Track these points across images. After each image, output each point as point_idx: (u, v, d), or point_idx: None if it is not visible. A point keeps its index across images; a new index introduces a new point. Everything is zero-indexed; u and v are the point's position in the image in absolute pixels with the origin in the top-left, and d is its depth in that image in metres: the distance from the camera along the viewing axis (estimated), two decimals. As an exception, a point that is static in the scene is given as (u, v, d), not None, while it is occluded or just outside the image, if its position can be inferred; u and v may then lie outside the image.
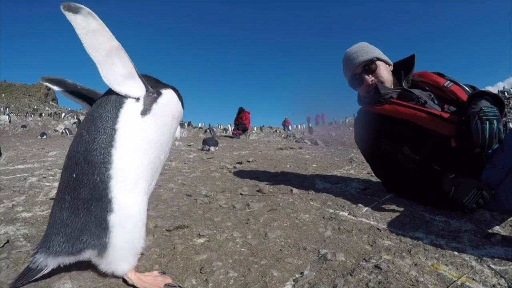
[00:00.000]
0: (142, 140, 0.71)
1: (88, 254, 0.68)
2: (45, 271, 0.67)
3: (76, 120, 10.92)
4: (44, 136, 7.95)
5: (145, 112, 0.71)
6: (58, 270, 0.76)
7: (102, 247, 0.67)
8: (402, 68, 1.44)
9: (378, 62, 1.39)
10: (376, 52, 1.42)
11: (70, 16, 0.64)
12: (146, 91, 0.73)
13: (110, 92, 0.71)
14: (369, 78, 1.39)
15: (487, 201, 1.06)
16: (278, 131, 14.92)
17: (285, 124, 18.95)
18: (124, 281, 0.72)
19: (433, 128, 1.22)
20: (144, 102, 0.72)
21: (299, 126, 21.51)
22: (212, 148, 3.96)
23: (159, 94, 0.74)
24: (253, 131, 12.13)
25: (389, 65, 1.45)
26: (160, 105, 0.74)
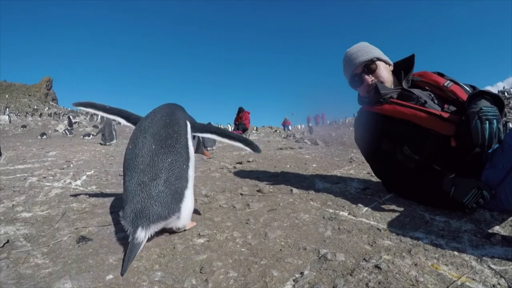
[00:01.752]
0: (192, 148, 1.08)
1: (173, 218, 0.91)
2: (143, 243, 0.84)
3: (67, 120, 10.92)
4: (44, 136, 7.96)
5: (192, 139, 1.10)
6: (58, 270, 0.76)
7: (179, 210, 0.92)
8: (402, 68, 1.44)
9: (378, 62, 1.39)
10: (376, 52, 1.42)
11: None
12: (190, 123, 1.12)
13: (171, 110, 1.09)
14: (369, 78, 1.39)
15: (487, 201, 1.06)
16: (278, 131, 14.92)
17: (285, 124, 18.96)
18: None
19: (433, 128, 1.22)
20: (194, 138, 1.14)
21: (299, 126, 21.51)
22: (209, 148, 3.97)
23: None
24: (253, 131, 12.13)
25: (389, 65, 1.45)
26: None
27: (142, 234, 0.82)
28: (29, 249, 0.88)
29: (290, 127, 18.60)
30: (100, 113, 1.21)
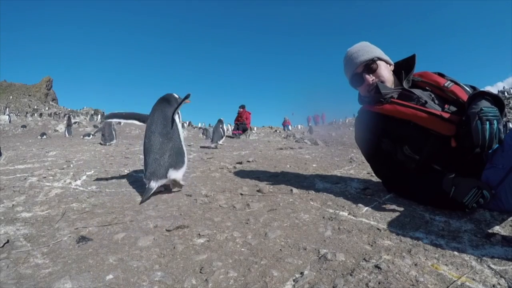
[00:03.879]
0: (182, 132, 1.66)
1: (171, 172, 1.46)
2: (154, 190, 1.41)
3: (67, 120, 10.96)
4: (44, 136, 7.97)
5: (179, 121, 1.65)
6: (58, 270, 0.76)
7: (178, 168, 1.51)
8: (402, 68, 1.44)
9: (379, 62, 1.39)
10: (377, 51, 1.42)
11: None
12: (178, 114, 1.64)
13: (164, 113, 1.59)
14: (370, 78, 1.39)
15: (488, 201, 1.06)
16: (278, 131, 14.92)
17: (285, 124, 18.96)
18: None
19: (433, 128, 1.22)
20: (178, 117, 1.64)
21: (299, 126, 21.50)
22: (219, 141, 4.33)
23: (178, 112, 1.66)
24: (253, 131, 12.12)
25: (390, 65, 1.45)
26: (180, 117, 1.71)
27: (153, 184, 1.41)
28: (29, 249, 0.88)
29: (290, 127, 18.60)
30: (122, 121, 1.73)
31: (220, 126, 4.49)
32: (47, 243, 0.92)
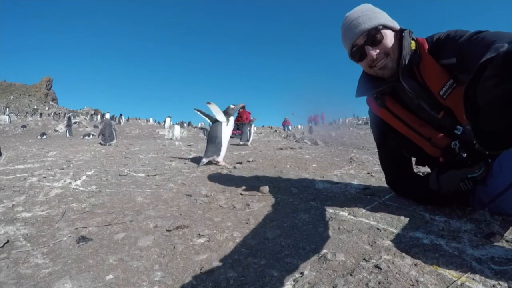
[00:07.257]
0: (228, 133, 2.54)
1: (215, 156, 2.44)
2: (205, 163, 2.42)
3: (67, 120, 10.96)
4: (44, 136, 7.97)
5: (226, 124, 2.52)
6: (58, 270, 0.76)
7: (218, 154, 2.45)
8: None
9: (384, 31, 1.10)
10: (381, 18, 1.13)
11: (208, 105, 2.47)
12: (225, 117, 2.51)
13: (215, 120, 2.52)
14: (373, 52, 1.10)
15: (476, 180, 1.04)
16: (278, 131, 14.90)
17: (285, 124, 18.94)
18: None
19: (422, 147, 1.20)
20: (227, 121, 2.52)
21: (299, 126, 21.49)
22: (241, 143, 4.60)
23: (229, 118, 2.54)
24: (253, 131, 12.12)
25: (396, 32, 1.15)
26: (230, 122, 2.56)
27: (204, 160, 2.40)
28: (29, 249, 0.88)
29: (290, 127, 18.58)
30: (202, 115, 2.57)
31: (248, 128, 4.94)
32: (47, 243, 0.93)
